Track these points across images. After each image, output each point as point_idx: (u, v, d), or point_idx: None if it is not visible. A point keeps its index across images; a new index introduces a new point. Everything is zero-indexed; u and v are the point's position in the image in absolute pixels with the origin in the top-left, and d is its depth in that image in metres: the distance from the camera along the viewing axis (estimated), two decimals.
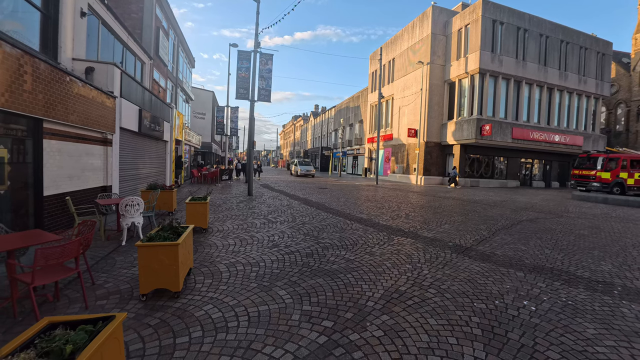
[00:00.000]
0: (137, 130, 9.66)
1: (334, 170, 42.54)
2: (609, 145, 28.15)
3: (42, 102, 5.25)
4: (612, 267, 4.98)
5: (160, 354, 2.49)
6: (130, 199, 5.64)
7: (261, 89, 13.55)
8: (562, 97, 23.85)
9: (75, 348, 1.51)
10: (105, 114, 7.47)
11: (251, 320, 3.03)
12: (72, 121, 6.16)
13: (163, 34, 16.07)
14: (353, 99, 39.10)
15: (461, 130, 21.32)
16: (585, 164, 18.51)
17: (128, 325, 2.90)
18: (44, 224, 5.61)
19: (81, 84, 6.42)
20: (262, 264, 4.66)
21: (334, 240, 6.09)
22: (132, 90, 9.27)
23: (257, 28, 13.49)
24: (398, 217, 8.84)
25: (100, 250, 5.10)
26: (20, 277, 3.02)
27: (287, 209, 9.84)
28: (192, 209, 6.46)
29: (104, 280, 3.94)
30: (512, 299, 3.68)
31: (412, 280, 4.15)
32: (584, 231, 7.68)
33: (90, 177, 7.18)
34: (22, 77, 4.79)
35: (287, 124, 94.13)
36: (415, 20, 25.22)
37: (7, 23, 5.43)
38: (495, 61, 20.71)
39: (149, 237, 3.53)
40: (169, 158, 14.17)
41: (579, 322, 3.18)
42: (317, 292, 3.71)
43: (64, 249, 3.07)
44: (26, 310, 3.11)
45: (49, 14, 6.34)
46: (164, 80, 17.09)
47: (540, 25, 22.33)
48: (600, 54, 25.09)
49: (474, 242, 6.28)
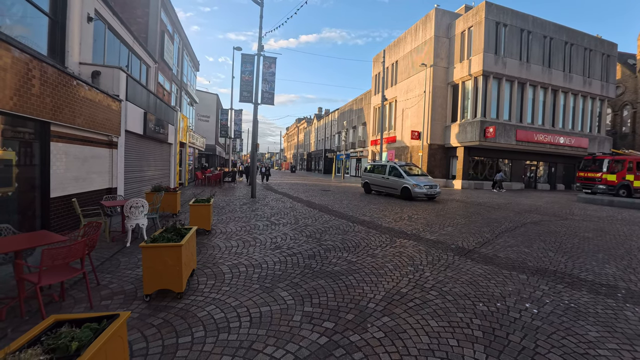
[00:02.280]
0: (142, 133, 9.78)
1: (337, 172, 42.57)
2: (615, 147, 27.86)
3: (49, 106, 5.36)
4: (616, 270, 4.94)
5: (163, 354, 2.53)
6: (134, 201, 5.72)
7: (264, 92, 13.65)
8: (567, 99, 23.69)
9: (81, 345, 1.56)
10: (111, 117, 7.58)
11: (253, 321, 3.06)
12: (78, 124, 6.27)
13: (168, 37, 16.27)
14: (356, 102, 39.15)
15: (465, 133, 21.26)
16: (590, 166, 18.35)
17: (132, 325, 2.94)
18: (51, 225, 5.70)
19: (87, 88, 6.53)
20: (264, 265, 4.70)
21: (336, 242, 6.11)
22: (138, 93, 9.40)
23: (260, 32, 13.61)
24: (401, 220, 8.84)
25: (105, 252, 5.17)
26: (27, 277, 3.08)
27: (290, 211, 9.87)
28: (196, 211, 6.52)
29: (109, 281, 4.00)
30: (514, 301, 3.67)
31: (414, 282, 4.16)
32: (588, 234, 7.62)
33: (96, 179, 7.28)
34: (31, 81, 4.89)
35: (291, 127, 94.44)
36: (418, 23, 25.26)
37: (16, 28, 5.56)
38: (498, 63, 20.66)
39: (153, 238, 3.58)
40: (173, 160, 14.30)
41: (581, 325, 3.16)
42: (318, 294, 3.73)
43: (69, 249, 3.13)
44: (33, 310, 3.17)
45: (57, 19, 6.47)
46: (169, 83, 17.28)
47: (544, 27, 22.26)
48: (605, 55, 24.92)
49: (477, 245, 6.26)
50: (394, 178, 14.51)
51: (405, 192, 13.68)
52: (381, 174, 15.45)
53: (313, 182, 24.84)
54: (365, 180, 16.81)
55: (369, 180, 16.38)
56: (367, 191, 16.64)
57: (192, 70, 24.72)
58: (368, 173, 16.77)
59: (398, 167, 14.59)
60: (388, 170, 15.11)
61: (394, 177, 14.54)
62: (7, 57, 4.42)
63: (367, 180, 16.63)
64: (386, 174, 15.13)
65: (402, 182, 13.91)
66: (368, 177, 16.62)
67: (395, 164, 14.79)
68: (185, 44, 21.17)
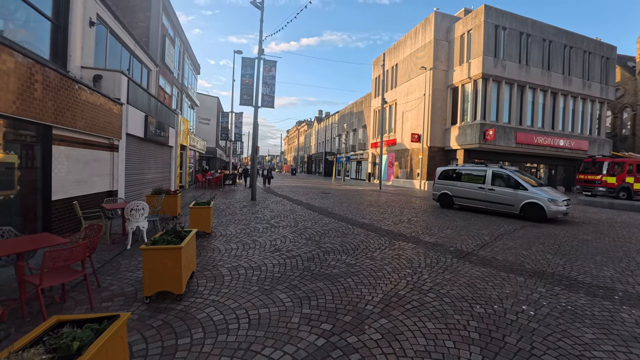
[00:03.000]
0: (142, 136, 9.84)
1: (338, 175, 42.62)
2: (615, 149, 27.87)
3: (51, 110, 5.42)
4: (614, 273, 4.96)
5: (163, 355, 2.56)
6: (135, 204, 5.76)
7: (265, 95, 13.73)
8: (567, 102, 23.75)
9: (82, 345, 1.59)
10: (112, 120, 7.65)
11: (251, 323, 3.09)
12: (80, 127, 6.33)
13: (169, 41, 16.39)
14: (356, 104, 39.28)
15: (464, 135, 21.31)
16: (590, 168, 18.37)
17: (132, 326, 2.98)
18: (52, 227, 5.74)
19: (89, 92, 6.60)
20: (263, 267, 4.73)
21: (335, 245, 6.14)
22: (139, 97, 9.47)
23: (260, 35, 13.71)
24: (400, 222, 8.87)
25: (106, 254, 5.21)
26: (29, 278, 3.12)
27: (290, 213, 9.91)
28: (196, 214, 6.56)
29: (109, 283, 4.03)
30: (511, 303, 3.70)
31: (412, 285, 4.19)
32: (587, 236, 7.63)
33: (97, 182, 7.33)
34: (33, 85, 4.96)
35: (291, 129, 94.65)
36: (418, 26, 25.40)
37: (19, 33, 5.64)
38: (498, 66, 20.75)
39: (153, 240, 3.62)
40: (174, 163, 14.36)
41: (577, 327, 3.19)
42: (317, 296, 3.76)
43: (71, 252, 3.17)
44: (34, 311, 3.20)
45: (59, 23, 6.55)
46: (170, 86, 17.39)
47: (543, 30, 22.36)
48: (605, 58, 25.00)
49: (476, 247, 6.28)
50: (504, 190, 10.58)
51: (533, 211, 9.80)
52: (477, 183, 11.40)
53: (313, 185, 24.89)
54: (443, 190, 12.48)
55: (451, 191, 12.16)
56: (446, 205, 12.47)
57: (193, 73, 24.86)
58: (449, 181, 12.40)
59: (512, 174, 10.61)
60: (490, 178, 11.02)
61: (505, 188, 10.61)
62: (11, 62, 4.49)
63: (446, 190, 12.34)
64: (488, 183, 11.04)
65: (525, 197, 10.01)
66: (449, 185, 12.32)
67: (506, 170, 10.85)
68: (186, 47, 21.31)
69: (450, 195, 12.25)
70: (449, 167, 12.96)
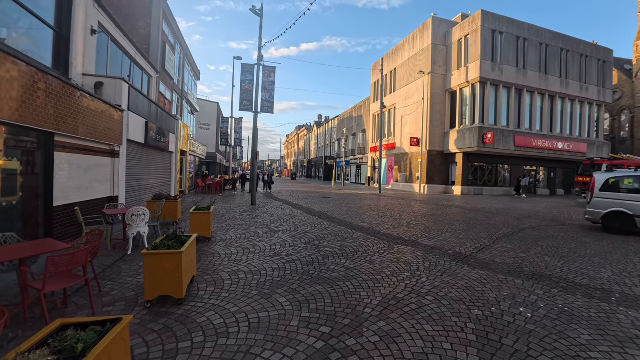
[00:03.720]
0: (143, 142, 9.92)
1: (337, 179, 42.68)
2: (614, 151, 27.97)
3: (53, 117, 5.49)
4: (612, 274, 4.99)
5: (164, 358, 2.60)
6: (136, 209, 5.81)
7: (264, 101, 13.85)
8: (564, 105, 23.90)
9: (86, 347, 1.64)
10: (113, 126, 7.73)
11: (251, 326, 3.13)
12: (81, 134, 6.40)
13: (169, 48, 16.56)
14: (356, 109, 39.48)
15: (463, 139, 21.41)
16: (589, 170, 18.42)
17: (133, 330, 3.01)
18: (54, 233, 5.79)
19: (90, 99, 6.69)
20: (263, 272, 4.76)
21: (334, 249, 6.17)
22: (139, 103, 9.57)
23: (260, 41, 13.87)
24: (399, 226, 8.90)
25: (107, 259, 5.25)
26: (32, 284, 3.17)
27: (290, 218, 9.95)
28: (196, 219, 6.60)
29: (111, 288, 4.07)
30: (508, 305, 3.73)
31: (410, 288, 4.22)
32: (586, 239, 7.67)
33: (98, 187, 7.39)
34: (36, 93, 5.04)
35: (291, 134, 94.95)
36: (416, 31, 25.65)
37: (22, 41, 5.73)
38: (495, 70, 20.92)
39: (154, 245, 3.67)
40: (174, 169, 14.43)
41: (574, 329, 3.22)
42: (316, 299, 3.79)
43: (73, 257, 3.22)
44: (36, 316, 3.24)
45: (61, 32, 6.65)
46: (170, 92, 17.52)
47: (539, 34, 22.59)
48: (602, 61, 25.21)
49: (474, 250, 6.31)
50: None
51: None
52: None
53: (313, 189, 24.94)
54: (614, 207, 8.39)
55: (632, 209, 8.09)
56: (617, 229, 8.37)
57: (193, 79, 25.04)
58: (626, 194, 8.31)
59: None
60: None
61: None
62: (14, 70, 4.57)
63: (623, 207, 8.24)
64: None
65: None
66: (627, 200, 8.24)
67: None
68: (186, 54, 21.51)
69: (630, 215, 8.12)
70: (621, 173, 8.79)
